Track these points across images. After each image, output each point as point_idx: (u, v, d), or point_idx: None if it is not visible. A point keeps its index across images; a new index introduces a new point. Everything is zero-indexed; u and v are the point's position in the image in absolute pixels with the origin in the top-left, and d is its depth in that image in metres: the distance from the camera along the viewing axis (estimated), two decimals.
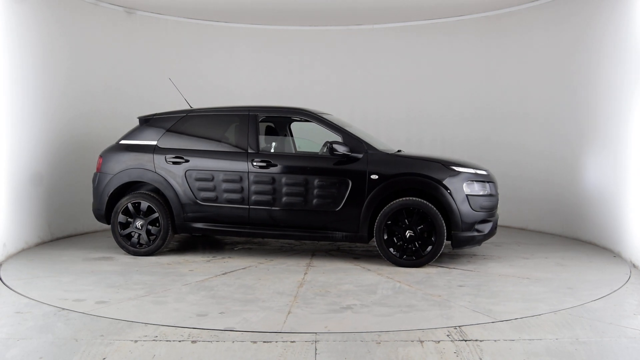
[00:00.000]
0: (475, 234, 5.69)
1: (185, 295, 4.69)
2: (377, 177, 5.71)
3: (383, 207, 5.70)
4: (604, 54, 6.76)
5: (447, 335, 3.74)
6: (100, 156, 6.48)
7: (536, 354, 3.44)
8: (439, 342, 3.63)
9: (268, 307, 4.35)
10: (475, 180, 5.74)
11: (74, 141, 7.43)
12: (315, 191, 5.84)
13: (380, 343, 3.61)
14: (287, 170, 5.93)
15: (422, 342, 3.63)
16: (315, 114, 6.20)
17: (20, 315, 4.14)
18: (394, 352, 3.46)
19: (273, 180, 5.93)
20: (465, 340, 3.64)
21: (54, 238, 7.05)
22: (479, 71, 8.63)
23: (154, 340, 3.63)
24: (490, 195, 5.82)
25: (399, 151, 6.36)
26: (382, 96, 9.24)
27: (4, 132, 6.07)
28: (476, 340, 3.65)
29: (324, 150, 5.99)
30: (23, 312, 4.21)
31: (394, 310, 4.29)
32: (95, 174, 6.48)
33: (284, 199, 5.91)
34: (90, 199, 7.16)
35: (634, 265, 5.81)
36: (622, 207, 6.24)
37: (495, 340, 3.66)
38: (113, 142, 7.55)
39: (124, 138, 6.52)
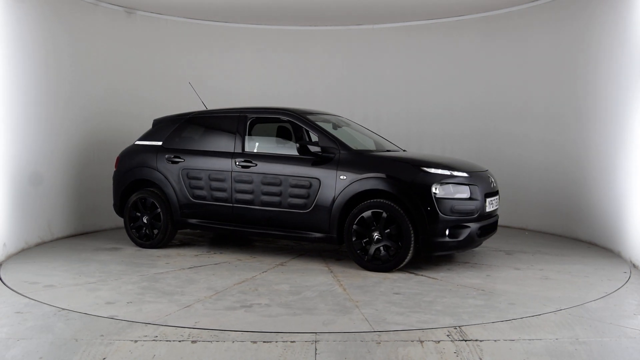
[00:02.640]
0: (447, 239, 5.32)
1: (124, 285, 5.03)
2: (345, 177, 5.59)
3: (353, 209, 5.56)
4: (604, 53, 6.76)
5: (447, 335, 3.74)
6: (118, 156, 7.00)
7: (536, 354, 3.44)
8: (439, 342, 3.63)
9: (176, 300, 4.52)
10: (450, 183, 5.38)
11: (74, 140, 7.43)
12: (290, 191, 5.84)
13: (380, 343, 3.61)
14: (265, 170, 5.97)
15: (422, 342, 3.63)
16: (297, 114, 6.13)
17: (20, 315, 4.14)
18: (394, 352, 3.47)
19: (253, 180, 6.02)
20: (465, 340, 3.65)
21: (54, 238, 7.04)
22: (479, 71, 8.62)
23: (154, 340, 3.63)
24: (469, 199, 5.43)
25: (403, 151, 6.36)
26: (382, 95, 9.24)
27: (4, 132, 6.07)
28: (476, 340, 3.65)
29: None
30: (23, 312, 4.22)
31: (287, 311, 4.26)
32: (114, 172, 6.99)
33: (262, 197, 5.99)
34: (91, 198, 7.51)
35: (634, 265, 5.81)
36: (623, 207, 6.24)
37: (495, 340, 3.66)
38: (112, 141, 7.85)
39: (139, 139, 6.98)
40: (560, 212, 7.58)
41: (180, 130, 6.69)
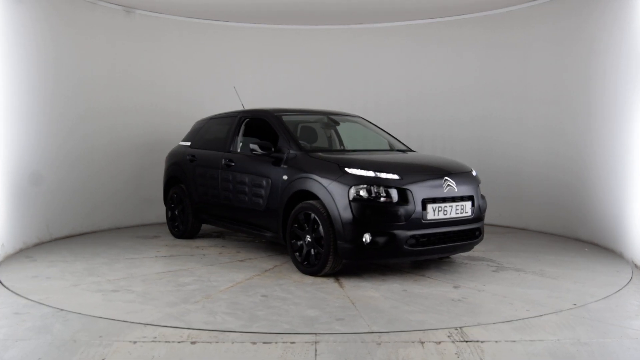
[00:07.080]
0: (365, 246, 4.87)
1: (80, 264, 5.70)
2: (286, 177, 5.54)
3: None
4: (604, 53, 6.74)
5: (448, 336, 3.72)
6: (167, 155, 7.63)
7: (537, 355, 3.42)
8: (439, 343, 3.61)
9: (78, 281, 5.07)
10: (373, 185, 4.93)
11: (74, 140, 7.40)
12: (252, 190, 5.96)
13: (380, 344, 3.59)
14: (239, 169, 6.20)
15: (422, 343, 3.61)
16: (268, 113, 6.24)
17: (19, 316, 4.12)
18: (395, 353, 3.45)
19: (230, 179, 6.30)
20: (467, 341, 3.63)
21: (52, 238, 7.01)
22: (479, 70, 8.60)
23: (153, 341, 3.61)
24: (396, 203, 4.90)
25: (408, 151, 6.37)
26: (382, 95, 9.23)
27: (3, 131, 6.05)
28: (477, 341, 3.63)
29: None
30: (21, 313, 4.20)
31: (132, 298, 4.53)
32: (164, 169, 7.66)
33: (235, 195, 6.23)
34: (89, 199, 7.72)
35: (636, 266, 5.79)
36: (624, 207, 6.22)
37: (496, 341, 3.64)
38: (111, 140, 7.97)
39: (182, 140, 7.54)
40: (562, 213, 7.55)
41: (203, 131, 7.17)
